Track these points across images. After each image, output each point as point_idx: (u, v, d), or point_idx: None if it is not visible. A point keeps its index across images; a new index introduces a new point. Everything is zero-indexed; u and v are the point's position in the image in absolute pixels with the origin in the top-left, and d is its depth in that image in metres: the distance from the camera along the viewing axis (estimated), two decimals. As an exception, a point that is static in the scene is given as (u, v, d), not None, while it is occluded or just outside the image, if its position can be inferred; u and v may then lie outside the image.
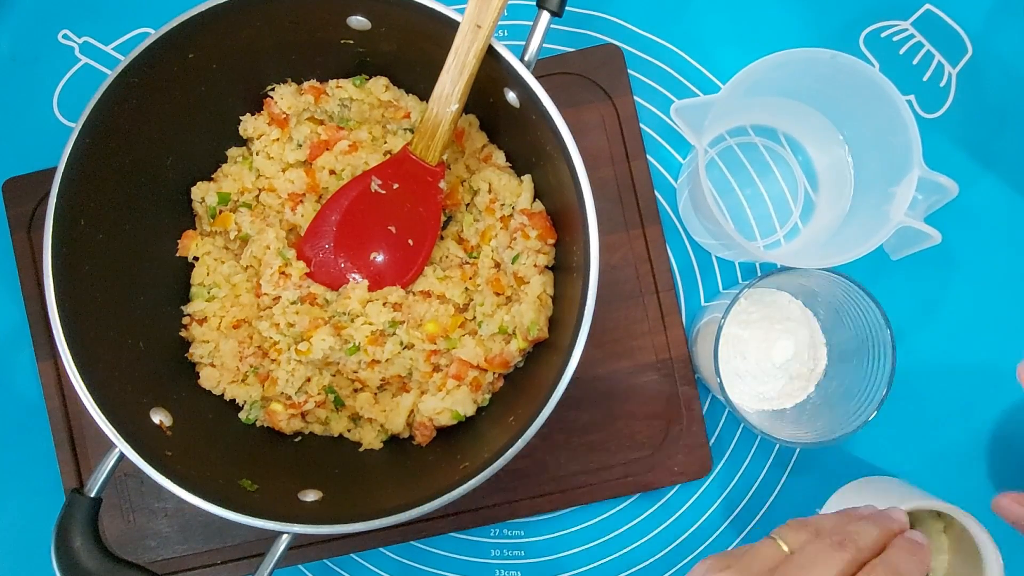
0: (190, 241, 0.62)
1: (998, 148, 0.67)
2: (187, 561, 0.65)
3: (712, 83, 0.68)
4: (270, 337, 0.60)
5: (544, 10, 0.53)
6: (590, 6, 0.68)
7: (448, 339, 0.60)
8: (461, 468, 0.52)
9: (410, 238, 0.61)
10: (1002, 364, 0.65)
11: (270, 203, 0.62)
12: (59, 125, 0.69)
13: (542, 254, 0.59)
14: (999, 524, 0.54)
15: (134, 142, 0.56)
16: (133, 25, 0.70)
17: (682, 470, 0.64)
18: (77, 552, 0.50)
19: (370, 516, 0.50)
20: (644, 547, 0.66)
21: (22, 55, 0.70)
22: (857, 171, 0.64)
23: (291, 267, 0.60)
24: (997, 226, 0.67)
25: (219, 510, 0.50)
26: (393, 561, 0.66)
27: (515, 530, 0.66)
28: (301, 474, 0.58)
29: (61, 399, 0.66)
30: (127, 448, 0.50)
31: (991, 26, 0.68)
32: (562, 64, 0.66)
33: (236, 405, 0.61)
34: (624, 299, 0.65)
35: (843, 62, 0.56)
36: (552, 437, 0.64)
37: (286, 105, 0.61)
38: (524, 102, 0.54)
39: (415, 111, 0.62)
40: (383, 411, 0.61)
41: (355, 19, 0.56)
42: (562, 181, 0.53)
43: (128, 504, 0.65)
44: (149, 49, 0.52)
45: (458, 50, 0.52)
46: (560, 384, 0.50)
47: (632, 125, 0.66)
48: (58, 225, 0.51)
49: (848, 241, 0.59)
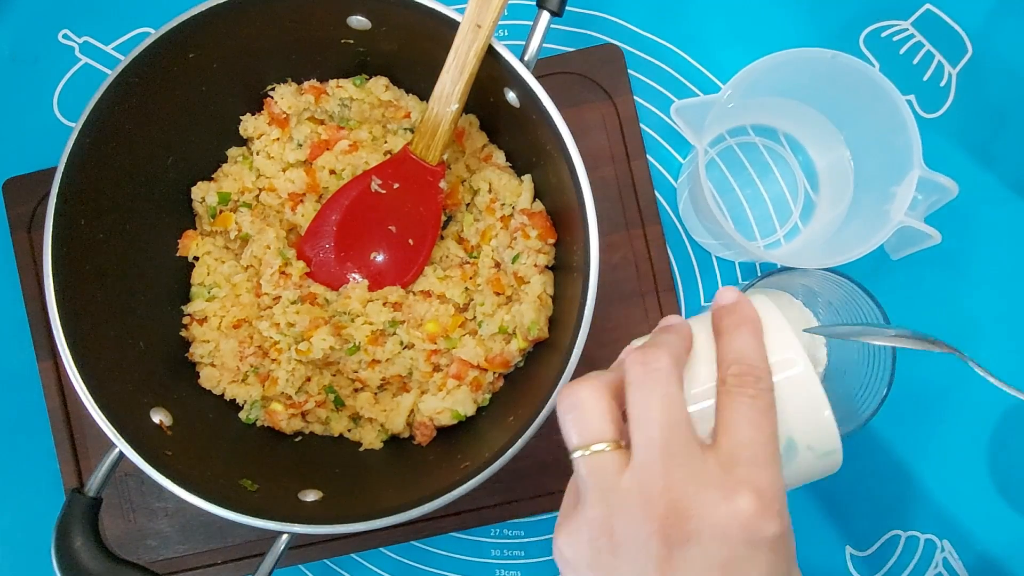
0: (190, 241, 0.62)
1: (998, 148, 0.67)
2: (187, 561, 0.65)
3: (712, 83, 0.68)
4: (270, 337, 0.60)
5: (544, 10, 0.53)
6: (590, 6, 0.68)
7: (448, 339, 0.60)
8: (461, 468, 0.52)
9: (410, 238, 0.61)
10: (1002, 364, 0.65)
11: (270, 203, 0.62)
12: (59, 125, 0.69)
13: (542, 254, 0.59)
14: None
15: (134, 142, 0.56)
16: (133, 25, 0.70)
17: (682, 470, 0.64)
18: (77, 552, 0.50)
19: (370, 516, 0.50)
20: (644, 547, 0.66)
21: (22, 55, 0.70)
22: (857, 171, 0.64)
23: (291, 267, 0.60)
24: (997, 226, 0.67)
25: (219, 510, 0.50)
26: (393, 561, 0.66)
27: (515, 530, 0.66)
28: (301, 474, 0.58)
29: (61, 399, 0.66)
30: (127, 448, 0.50)
31: (991, 26, 0.68)
32: (562, 64, 0.66)
33: (236, 405, 0.61)
34: (624, 299, 0.65)
35: (843, 62, 0.56)
36: (552, 437, 0.64)
37: (286, 105, 0.61)
38: (524, 102, 0.54)
39: (415, 111, 0.62)
40: (383, 411, 0.61)
41: (355, 19, 0.56)
42: (562, 181, 0.53)
43: (128, 504, 0.65)
44: (149, 49, 0.52)
45: (458, 50, 0.52)
46: (560, 384, 0.50)
47: (632, 125, 0.66)
48: (58, 225, 0.51)
49: (848, 241, 0.59)
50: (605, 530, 0.35)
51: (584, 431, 0.37)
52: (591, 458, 0.36)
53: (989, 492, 0.65)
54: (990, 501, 0.64)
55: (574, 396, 0.37)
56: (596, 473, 0.36)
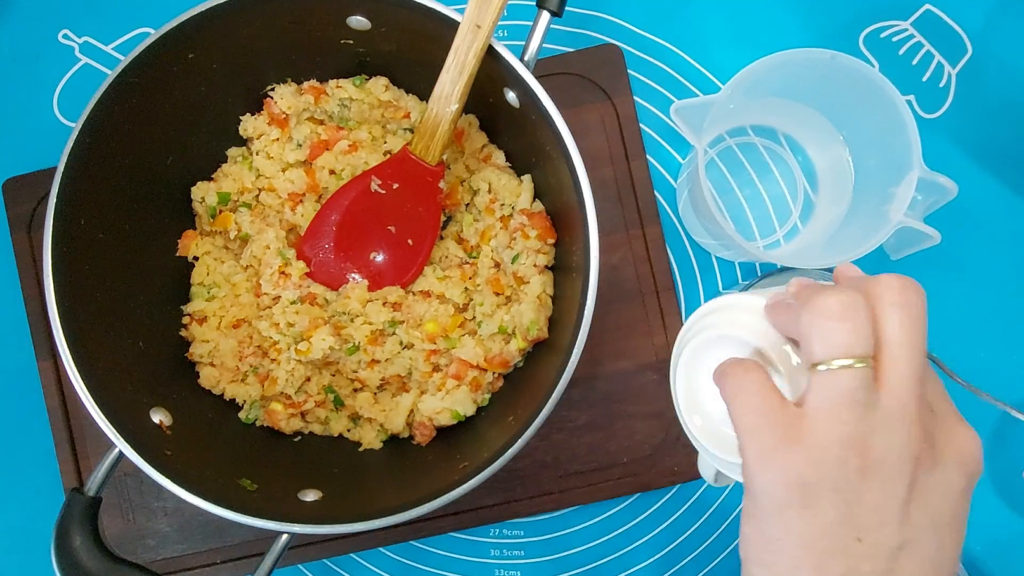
0: (190, 241, 0.62)
1: (998, 148, 0.67)
2: (186, 560, 0.65)
3: (712, 83, 0.68)
4: (270, 337, 0.60)
5: (544, 10, 0.53)
6: (590, 6, 0.68)
7: (448, 339, 0.60)
8: (461, 468, 0.52)
9: (410, 238, 0.61)
10: (1002, 364, 0.65)
11: (270, 203, 0.62)
12: (59, 125, 0.69)
13: (542, 254, 0.59)
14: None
15: (134, 142, 0.56)
16: (133, 25, 0.70)
17: (682, 470, 0.64)
18: (77, 551, 0.50)
19: (370, 516, 0.50)
20: (644, 547, 0.66)
21: (22, 55, 0.70)
22: (857, 171, 0.64)
23: (291, 267, 0.60)
24: (997, 226, 0.67)
25: (219, 510, 0.50)
26: (393, 561, 0.66)
27: (515, 530, 0.66)
28: (301, 474, 0.58)
29: (61, 399, 0.66)
30: (127, 448, 0.50)
31: (991, 26, 0.68)
32: (562, 64, 0.66)
33: (236, 405, 0.61)
34: (624, 299, 0.65)
35: (843, 62, 0.56)
36: (552, 437, 0.64)
37: (286, 105, 0.61)
38: (524, 102, 0.54)
39: (415, 111, 0.62)
40: (383, 411, 0.61)
41: (355, 19, 0.56)
42: (562, 181, 0.53)
43: (128, 503, 0.65)
44: (149, 49, 0.52)
45: (458, 50, 0.52)
46: (560, 384, 0.50)
47: (632, 125, 0.66)
48: (58, 225, 0.51)
49: (848, 241, 0.59)
50: (859, 449, 0.34)
51: (850, 340, 0.34)
52: (850, 372, 0.34)
53: (988, 492, 0.65)
54: (988, 501, 0.65)
55: (846, 299, 0.34)
56: (854, 389, 0.34)
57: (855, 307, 0.34)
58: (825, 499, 0.34)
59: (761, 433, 0.35)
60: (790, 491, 0.34)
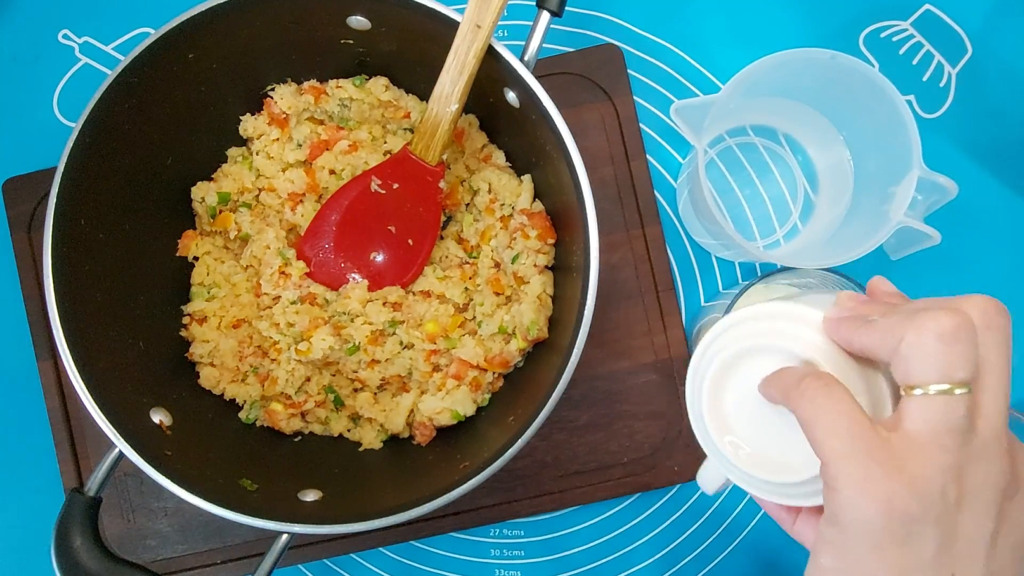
0: (190, 241, 0.62)
1: (998, 148, 0.67)
2: (187, 561, 0.65)
3: (712, 83, 0.68)
4: (270, 337, 0.60)
5: (544, 10, 0.53)
6: (590, 6, 0.68)
7: (448, 339, 0.60)
8: (461, 468, 0.52)
9: (410, 238, 0.61)
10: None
11: (270, 203, 0.62)
12: (59, 125, 0.69)
13: (542, 254, 0.59)
14: None
15: (134, 142, 0.56)
16: (133, 25, 0.70)
17: (681, 470, 0.64)
18: (77, 552, 0.50)
19: (370, 516, 0.50)
20: (644, 547, 0.66)
21: (22, 55, 0.70)
22: (857, 171, 0.64)
23: (291, 267, 0.60)
24: (997, 226, 0.67)
25: (219, 510, 0.50)
26: (393, 561, 0.66)
27: (515, 530, 0.66)
28: (301, 474, 0.58)
29: (61, 399, 0.66)
30: (127, 448, 0.50)
31: (991, 26, 0.68)
32: (562, 64, 0.66)
33: (236, 405, 0.61)
34: (624, 299, 0.65)
35: (843, 62, 0.56)
36: (552, 437, 0.64)
37: (286, 105, 0.61)
38: (524, 102, 0.54)
39: (415, 111, 0.62)
40: (383, 411, 0.61)
41: (355, 19, 0.56)
42: (562, 181, 0.53)
43: (128, 504, 0.65)
44: (149, 49, 0.52)
45: (458, 50, 0.52)
46: (560, 384, 0.50)
47: (632, 125, 0.66)
48: (58, 225, 0.51)
49: (848, 241, 0.59)
50: (957, 478, 0.33)
51: (956, 364, 0.32)
52: (954, 399, 0.32)
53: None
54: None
55: (960, 321, 0.32)
56: (959, 417, 0.32)
57: (967, 330, 0.32)
58: (928, 532, 0.32)
59: (858, 459, 0.33)
60: (892, 522, 0.32)
